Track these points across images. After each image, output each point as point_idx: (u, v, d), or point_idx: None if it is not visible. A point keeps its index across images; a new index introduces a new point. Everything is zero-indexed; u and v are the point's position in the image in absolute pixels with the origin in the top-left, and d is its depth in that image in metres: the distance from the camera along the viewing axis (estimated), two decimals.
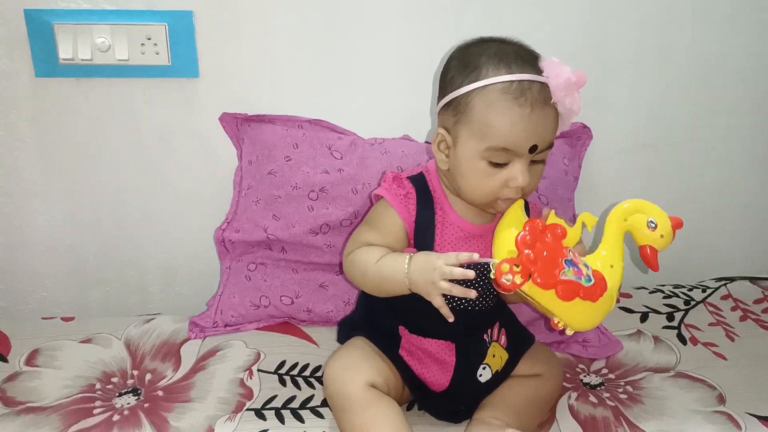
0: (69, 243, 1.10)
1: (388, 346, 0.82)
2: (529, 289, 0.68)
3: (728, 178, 1.24)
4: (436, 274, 0.70)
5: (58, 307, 1.13)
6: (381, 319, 0.84)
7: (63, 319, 1.03)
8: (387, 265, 0.75)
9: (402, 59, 1.06)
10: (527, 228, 0.69)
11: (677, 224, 0.76)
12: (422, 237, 0.80)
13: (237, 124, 1.04)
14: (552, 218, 0.73)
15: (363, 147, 1.03)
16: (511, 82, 0.72)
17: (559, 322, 0.71)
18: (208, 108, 1.04)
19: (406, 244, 0.81)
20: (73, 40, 0.97)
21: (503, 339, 0.86)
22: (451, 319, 0.72)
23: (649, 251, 0.74)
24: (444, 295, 0.74)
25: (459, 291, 0.70)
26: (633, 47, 1.12)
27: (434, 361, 0.82)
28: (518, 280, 0.67)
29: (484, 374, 0.83)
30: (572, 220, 1.09)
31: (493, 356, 0.83)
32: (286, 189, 1.00)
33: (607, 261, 0.74)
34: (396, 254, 0.77)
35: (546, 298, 0.69)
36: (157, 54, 1.00)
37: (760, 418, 0.84)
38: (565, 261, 0.69)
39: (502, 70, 0.73)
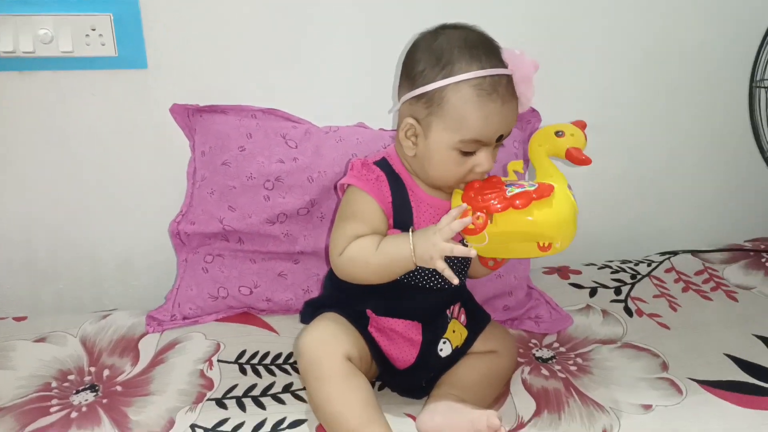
0: (19, 239, 1.07)
1: (358, 324, 0.84)
2: (497, 223, 0.75)
3: (670, 158, 1.30)
4: (436, 250, 0.74)
5: (9, 306, 1.10)
6: (348, 303, 0.85)
7: (15, 318, 1.01)
8: (390, 249, 0.78)
9: (355, 46, 1.07)
10: (465, 188, 0.80)
11: (581, 124, 0.85)
12: (401, 217, 0.82)
13: (188, 115, 1.03)
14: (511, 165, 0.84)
15: (318, 135, 1.03)
16: (484, 77, 0.76)
17: (543, 243, 0.77)
18: (158, 99, 1.03)
19: (387, 227, 0.83)
20: (14, 32, 0.94)
21: (462, 317, 0.89)
22: (455, 281, 0.75)
23: (573, 151, 0.81)
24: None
25: (461, 251, 0.74)
26: (578, 32, 1.16)
27: (402, 339, 0.84)
28: (480, 221, 0.75)
29: (445, 348, 0.85)
30: None
31: (453, 332, 0.86)
32: (240, 179, 1.00)
33: (544, 179, 0.81)
34: (393, 238, 0.79)
35: (513, 221, 0.75)
36: (103, 45, 0.98)
37: (699, 382, 0.89)
38: (507, 186, 0.78)
39: (475, 66, 0.76)
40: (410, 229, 0.78)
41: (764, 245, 1.28)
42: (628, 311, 1.07)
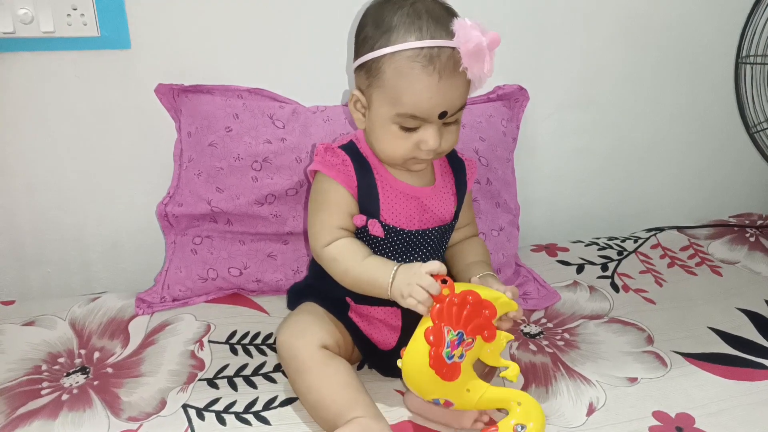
0: (3, 224, 1.06)
1: (338, 310, 0.84)
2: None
3: (655, 133, 1.30)
4: (417, 278, 0.71)
5: None
6: (329, 290, 0.85)
7: (2, 302, 1.00)
8: (372, 271, 0.76)
9: (341, 23, 1.06)
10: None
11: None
12: (367, 202, 0.81)
13: (173, 96, 1.02)
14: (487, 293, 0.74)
15: (305, 115, 1.03)
16: (420, 48, 0.72)
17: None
18: (142, 80, 1.02)
19: (357, 210, 0.82)
20: None
21: None
22: (426, 314, 0.71)
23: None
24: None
25: (423, 310, 0.71)
26: (562, 7, 1.15)
27: (382, 324, 0.84)
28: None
29: None
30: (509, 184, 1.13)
31: None
32: (228, 160, 0.99)
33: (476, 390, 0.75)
34: (380, 262, 0.76)
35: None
36: (85, 25, 0.97)
37: (684, 354, 0.91)
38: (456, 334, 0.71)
39: (413, 36, 0.72)
40: (396, 268, 0.74)
41: (748, 221, 1.30)
42: (615, 287, 1.08)
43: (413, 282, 0.71)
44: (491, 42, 0.72)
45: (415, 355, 0.71)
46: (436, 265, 0.72)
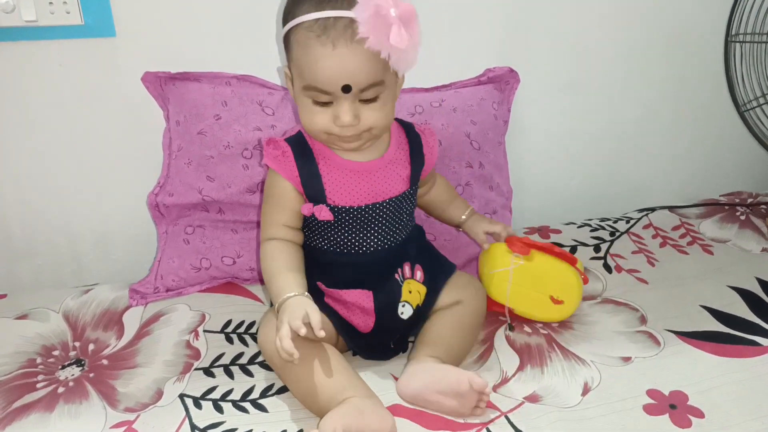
0: None
1: (314, 297, 0.82)
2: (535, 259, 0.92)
3: (646, 114, 1.31)
4: (282, 330, 0.72)
5: None
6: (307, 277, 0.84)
7: None
8: (273, 285, 0.79)
9: None
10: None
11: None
12: (311, 188, 0.81)
13: (161, 84, 1.01)
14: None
15: (294, 101, 1.02)
16: (317, 19, 0.71)
17: (557, 297, 0.92)
18: (128, 68, 1.00)
19: (301, 201, 0.82)
20: None
21: (419, 274, 0.87)
22: (286, 341, 0.72)
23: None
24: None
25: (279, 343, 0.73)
26: None
27: (356, 308, 0.84)
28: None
29: (405, 311, 0.85)
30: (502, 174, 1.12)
31: (410, 292, 0.85)
32: (218, 148, 0.98)
33: None
34: (283, 283, 0.78)
35: (552, 263, 0.93)
36: (68, 13, 0.95)
37: (676, 333, 0.92)
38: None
39: (311, 8, 0.72)
40: (286, 297, 0.75)
41: (738, 199, 1.31)
42: (608, 268, 1.09)
43: (283, 320, 0.73)
44: (403, 13, 0.70)
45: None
46: (313, 319, 0.72)
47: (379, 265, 0.84)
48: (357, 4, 0.70)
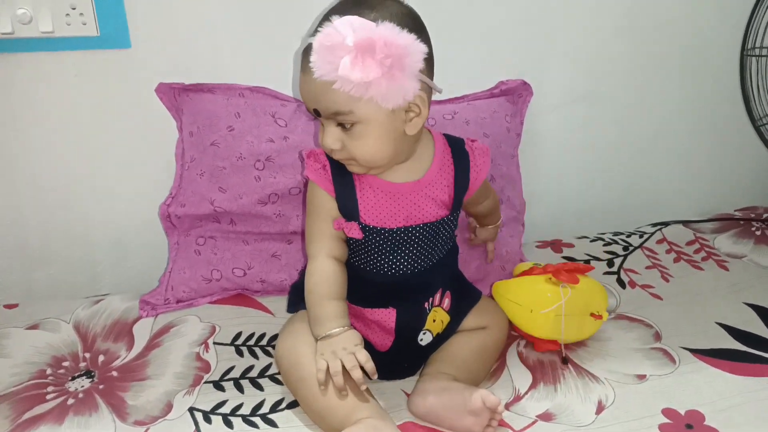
0: (8, 225, 1.05)
1: None
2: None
3: (661, 128, 1.29)
4: (335, 366, 0.73)
5: (1, 293, 1.09)
6: None
7: (6, 306, 1.00)
8: (317, 309, 0.78)
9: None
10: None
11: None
12: (345, 204, 0.80)
13: (175, 95, 1.01)
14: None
15: (307, 113, 1.01)
16: (310, 44, 0.71)
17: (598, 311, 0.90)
18: (143, 79, 1.01)
19: (338, 214, 0.81)
20: None
21: (446, 302, 0.86)
22: (339, 379, 0.74)
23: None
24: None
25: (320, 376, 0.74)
26: (567, 2, 1.14)
27: (376, 326, 0.83)
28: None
29: (425, 338, 0.84)
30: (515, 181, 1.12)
31: (434, 321, 0.85)
32: (230, 160, 0.99)
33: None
34: (329, 310, 0.78)
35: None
36: (84, 24, 0.96)
37: (692, 350, 0.90)
38: None
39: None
40: (335, 331, 0.76)
41: (754, 214, 1.29)
42: (621, 283, 1.07)
43: (336, 354, 0.74)
44: (359, 42, 0.65)
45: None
46: (360, 359, 0.73)
47: (407, 288, 0.83)
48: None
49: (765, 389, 0.83)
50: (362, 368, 0.73)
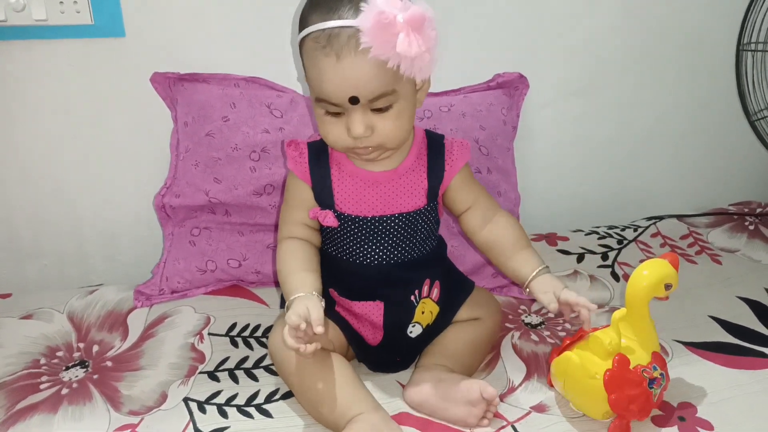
0: None
1: (327, 305, 0.81)
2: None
3: (655, 121, 1.30)
4: (285, 328, 0.72)
5: None
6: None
7: (0, 296, 1.00)
8: (286, 285, 0.78)
9: None
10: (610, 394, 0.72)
11: (675, 262, 0.79)
12: (321, 193, 0.80)
13: (169, 85, 1.01)
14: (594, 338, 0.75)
15: (303, 104, 1.01)
16: (322, 30, 0.69)
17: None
18: (137, 68, 1.00)
19: (314, 203, 0.81)
20: None
21: (435, 292, 0.85)
22: (309, 348, 0.72)
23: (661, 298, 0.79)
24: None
25: (291, 343, 0.71)
26: None
27: (365, 320, 0.83)
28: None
29: (415, 330, 0.84)
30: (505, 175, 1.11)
31: (423, 313, 0.84)
32: (225, 150, 0.98)
33: (639, 323, 0.78)
34: (295, 283, 0.77)
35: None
36: (78, 12, 0.95)
37: (685, 343, 0.91)
38: (649, 383, 0.74)
39: (317, 18, 0.70)
40: (295, 297, 0.74)
41: (748, 209, 1.30)
42: (615, 276, 1.08)
43: (290, 313, 0.72)
44: (412, 18, 0.66)
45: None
46: (313, 315, 0.71)
47: (389, 279, 0.82)
48: (361, 13, 0.67)
49: (757, 382, 0.84)
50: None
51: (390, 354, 0.84)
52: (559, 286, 0.79)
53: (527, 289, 0.82)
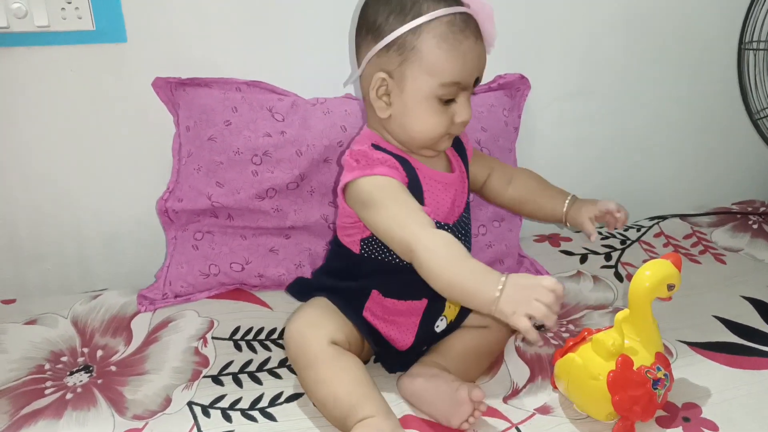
0: (0, 220, 1.05)
1: (352, 308, 0.82)
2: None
3: (658, 121, 1.29)
4: (537, 293, 0.64)
5: None
6: (349, 284, 0.83)
7: (3, 301, 1.00)
8: (472, 275, 0.67)
9: (341, 14, 1.04)
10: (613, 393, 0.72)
11: (678, 262, 0.78)
12: (414, 196, 0.77)
13: (171, 89, 1.01)
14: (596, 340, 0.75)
15: (305, 107, 1.02)
16: (455, 14, 0.74)
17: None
18: (139, 73, 1.00)
19: None
20: None
21: None
22: (539, 342, 0.77)
23: (663, 299, 0.79)
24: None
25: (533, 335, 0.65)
26: None
27: (403, 319, 0.83)
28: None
29: (441, 325, 0.85)
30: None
31: (449, 307, 0.85)
32: (227, 154, 0.98)
33: (641, 324, 0.78)
34: (484, 269, 0.67)
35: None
36: (80, 18, 0.95)
37: (689, 344, 0.91)
38: (653, 384, 0.74)
39: (441, 5, 0.74)
40: (504, 278, 0.65)
41: (751, 208, 1.29)
42: (619, 276, 1.08)
43: (531, 297, 0.63)
44: (492, 13, 0.77)
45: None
46: (553, 282, 0.64)
47: None
48: (470, 3, 0.75)
49: (762, 382, 0.83)
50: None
51: (415, 355, 0.85)
52: (592, 210, 0.89)
53: (567, 224, 0.92)
